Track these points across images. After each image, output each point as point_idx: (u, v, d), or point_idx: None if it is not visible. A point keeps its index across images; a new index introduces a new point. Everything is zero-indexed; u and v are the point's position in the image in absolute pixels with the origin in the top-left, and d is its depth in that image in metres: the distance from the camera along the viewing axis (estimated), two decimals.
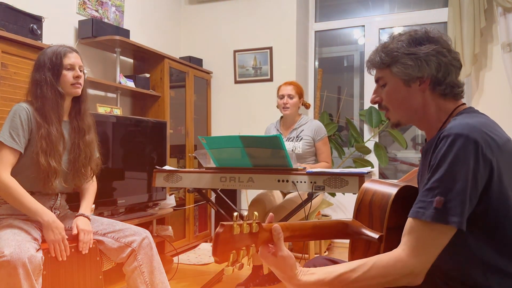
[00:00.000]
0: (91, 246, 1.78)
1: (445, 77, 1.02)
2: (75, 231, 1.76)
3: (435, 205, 0.90)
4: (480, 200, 0.91)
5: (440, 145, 0.93)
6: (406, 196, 1.10)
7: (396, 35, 1.08)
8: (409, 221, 0.95)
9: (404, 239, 0.94)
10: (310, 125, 2.76)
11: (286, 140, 2.77)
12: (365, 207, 1.14)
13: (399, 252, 0.93)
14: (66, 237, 1.70)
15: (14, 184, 1.68)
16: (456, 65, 1.04)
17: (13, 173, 1.73)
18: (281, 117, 2.91)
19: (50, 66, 1.77)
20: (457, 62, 1.04)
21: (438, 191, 0.90)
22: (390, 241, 1.05)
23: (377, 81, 1.11)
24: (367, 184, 1.18)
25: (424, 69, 1.02)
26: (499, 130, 0.98)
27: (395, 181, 1.18)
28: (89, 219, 1.85)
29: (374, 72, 1.12)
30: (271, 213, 1.03)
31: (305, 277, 0.97)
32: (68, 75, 1.80)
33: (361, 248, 1.13)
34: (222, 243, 0.86)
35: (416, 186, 1.15)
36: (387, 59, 1.05)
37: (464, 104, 1.07)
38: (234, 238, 0.88)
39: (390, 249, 0.98)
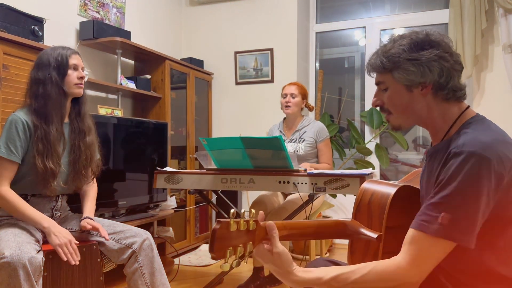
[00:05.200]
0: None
1: (447, 81, 1.01)
2: (89, 227, 1.78)
3: (440, 221, 0.89)
4: None
5: (451, 161, 0.92)
6: (405, 196, 1.10)
7: (397, 38, 1.06)
8: (411, 231, 0.94)
9: (405, 248, 0.94)
10: (313, 127, 2.77)
11: (289, 142, 2.78)
12: (364, 207, 1.13)
13: (399, 260, 0.93)
14: (75, 241, 1.67)
15: (12, 196, 1.68)
16: (458, 68, 1.03)
17: (14, 180, 1.74)
18: (284, 119, 2.92)
19: (56, 65, 1.77)
20: (459, 66, 1.03)
21: (444, 207, 0.90)
22: (389, 240, 1.05)
23: (377, 84, 1.10)
24: (366, 185, 1.18)
25: (426, 74, 1.00)
26: (510, 141, 0.96)
27: (394, 182, 1.18)
28: (93, 221, 1.85)
29: (374, 74, 1.11)
30: (260, 211, 1.03)
31: (303, 273, 0.97)
32: (73, 75, 1.81)
33: (360, 248, 1.13)
34: (219, 240, 0.86)
35: (417, 186, 1.15)
36: (389, 64, 1.04)
37: (468, 107, 1.05)
38: (231, 235, 0.88)
39: (389, 249, 0.98)
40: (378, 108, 1.13)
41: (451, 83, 1.02)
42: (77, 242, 1.70)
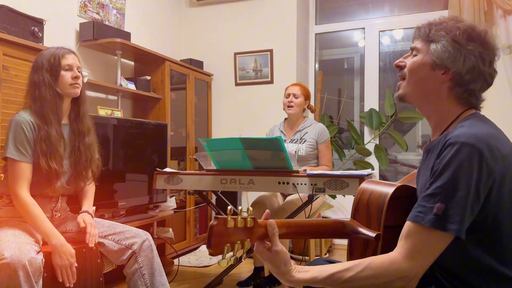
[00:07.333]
0: (96, 241, 1.79)
1: (470, 82, 1.00)
2: (82, 225, 1.78)
3: (435, 211, 0.89)
4: (480, 209, 0.91)
5: (445, 152, 0.92)
6: (403, 195, 1.10)
7: (459, 18, 1.04)
8: (408, 224, 0.95)
9: (401, 242, 0.94)
10: (314, 128, 2.78)
11: (290, 142, 2.78)
12: (363, 207, 1.14)
13: (395, 255, 0.94)
14: (75, 264, 1.68)
15: (31, 203, 1.68)
16: (487, 79, 1.02)
17: None
18: (285, 119, 2.93)
19: (48, 67, 1.77)
20: (490, 78, 1.03)
21: (439, 197, 0.90)
22: (387, 239, 1.05)
23: (412, 49, 1.09)
24: (364, 185, 1.19)
25: (457, 62, 0.99)
26: (505, 139, 0.97)
27: (392, 182, 1.18)
28: (92, 216, 1.87)
29: (416, 41, 1.09)
30: (267, 210, 1.03)
31: (299, 274, 0.98)
32: (67, 75, 1.81)
33: (359, 248, 1.13)
34: (216, 236, 0.87)
35: (415, 186, 1.15)
36: (434, 34, 1.03)
37: (471, 108, 1.05)
38: (228, 232, 0.89)
39: (387, 248, 0.98)
40: (397, 70, 1.11)
41: (472, 85, 1.01)
42: (76, 265, 1.68)
